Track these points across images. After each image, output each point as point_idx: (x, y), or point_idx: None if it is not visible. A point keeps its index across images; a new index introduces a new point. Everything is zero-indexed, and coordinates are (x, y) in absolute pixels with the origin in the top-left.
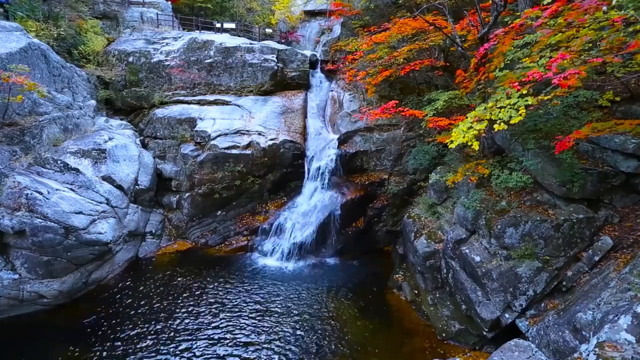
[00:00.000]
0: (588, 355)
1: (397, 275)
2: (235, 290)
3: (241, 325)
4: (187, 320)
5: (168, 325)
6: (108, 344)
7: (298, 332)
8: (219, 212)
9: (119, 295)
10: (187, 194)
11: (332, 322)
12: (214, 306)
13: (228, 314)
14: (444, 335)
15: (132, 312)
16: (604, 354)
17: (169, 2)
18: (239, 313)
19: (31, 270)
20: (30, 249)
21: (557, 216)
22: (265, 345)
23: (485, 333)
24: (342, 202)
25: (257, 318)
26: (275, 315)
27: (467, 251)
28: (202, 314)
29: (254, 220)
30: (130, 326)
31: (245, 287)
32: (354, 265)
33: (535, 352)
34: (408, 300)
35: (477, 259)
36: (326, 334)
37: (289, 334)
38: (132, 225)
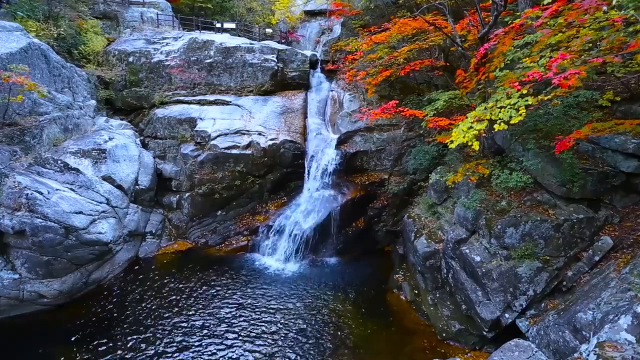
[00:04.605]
0: (588, 355)
1: (397, 275)
2: (235, 291)
3: (241, 324)
4: (187, 320)
5: (168, 325)
6: (108, 344)
7: (298, 332)
8: (219, 212)
9: (119, 295)
10: (187, 194)
11: (332, 322)
12: (214, 306)
13: (228, 314)
14: (444, 335)
15: (132, 312)
16: (604, 354)
17: (169, 2)
18: (239, 313)
19: (31, 270)
20: (31, 249)
21: (557, 216)
22: (265, 345)
23: (485, 333)
24: (342, 202)
25: (258, 318)
26: (275, 315)
27: (467, 251)
28: (202, 314)
29: (254, 220)
30: (130, 326)
31: (245, 287)
32: (354, 265)
33: (536, 352)
34: (408, 300)
35: (477, 259)
36: (326, 333)
37: (288, 334)
38: (132, 225)
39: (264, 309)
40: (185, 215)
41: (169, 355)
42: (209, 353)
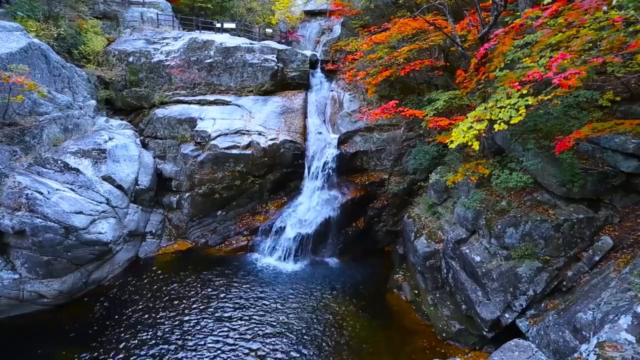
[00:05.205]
0: (588, 355)
1: (397, 275)
2: (235, 290)
3: (241, 324)
4: (187, 320)
5: (168, 325)
6: (108, 344)
7: (298, 332)
8: (219, 212)
9: (119, 295)
10: (187, 194)
11: (332, 321)
12: (214, 306)
13: (228, 314)
14: (444, 335)
15: (132, 312)
16: (604, 354)
17: (169, 2)
18: (239, 313)
19: (31, 270)
20: (31, 249)
21: (557, 216)
22: (265, 345)
23: (485, 333)
24: (342, 202)
25: (257, 318)
26: (275, 315)
27: (467, 251)
28: (201, 314)
29: (254, 220)
30: (130, 326)
31: (245, 288)
32: (354, 265)
33: (536, 352)
34: (408, 300)
35: (477, 259)
36: (326, 333)
37: (288, 334)
38: (132, 225)
39: (264, 309)
40: (185, 215)
41: (169, 355)
42: (209, 353)
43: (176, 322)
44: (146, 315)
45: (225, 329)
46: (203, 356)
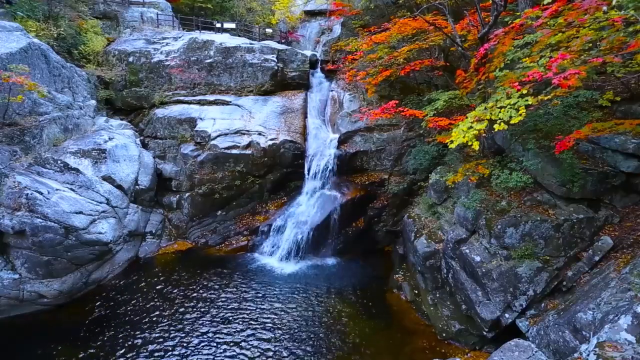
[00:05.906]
0: (588, 355)
1: (397, 275)
2: (235, 291)
3: (241, 324)
4: (186, 321)
5: (167, 325)
6: (108, 344)
7: (298, 332)
8: (219, 212)
9: (118, 296)
10: (187, 194)
11: (332, 322)
12: (214, 306)
13: (227, 314)
14: (444, 335)
15: (132, 313)
16: (604, 354)
17: (169, 2)
18: (239, 313)
19: (31, 270)
20: (31, 249)
21: (557, 216)
22: (265, 346)
23: (485, 333)
24: (342, 202)
25: (257, 318)
26: (275, 315)
27: (467, 251)
28: (201, 314)
29: (254, 220)
30: (130, 326)
31: (245, 288)
32: (354, 265)
33: (536, 352)
34: (408, 300)
35: (477, 259)
36: (326, 333)
37: (288, 334)
38: (132, 225)
39: (264, 309)
40: (185, 215)
41: (169, 355)
42: (209, 352)
43: (176, 322)
44: (146, 315)
45: (225, 329)
46: (203, 356)
